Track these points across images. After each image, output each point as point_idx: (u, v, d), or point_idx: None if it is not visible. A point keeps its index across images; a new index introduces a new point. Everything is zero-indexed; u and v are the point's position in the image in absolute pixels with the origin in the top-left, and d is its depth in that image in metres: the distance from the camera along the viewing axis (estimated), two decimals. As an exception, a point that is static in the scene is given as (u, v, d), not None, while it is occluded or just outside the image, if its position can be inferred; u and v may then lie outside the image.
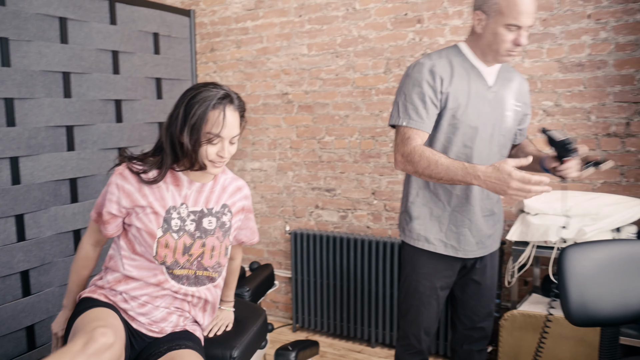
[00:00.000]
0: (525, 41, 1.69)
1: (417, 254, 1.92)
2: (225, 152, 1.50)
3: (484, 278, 1.98)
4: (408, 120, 1.76)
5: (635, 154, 2.48)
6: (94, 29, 2.53)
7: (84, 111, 2.48)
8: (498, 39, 1.70)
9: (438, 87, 1.75)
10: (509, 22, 1.66)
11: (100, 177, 2.52)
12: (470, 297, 1.99)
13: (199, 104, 1.46)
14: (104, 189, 1.60)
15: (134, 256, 1.60)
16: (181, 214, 1.58)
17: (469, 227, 1.86)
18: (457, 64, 1.79)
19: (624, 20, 2.44)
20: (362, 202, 3.19)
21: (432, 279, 1.91)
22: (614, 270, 1.60)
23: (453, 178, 1.67)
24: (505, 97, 1.85)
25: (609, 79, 2.49)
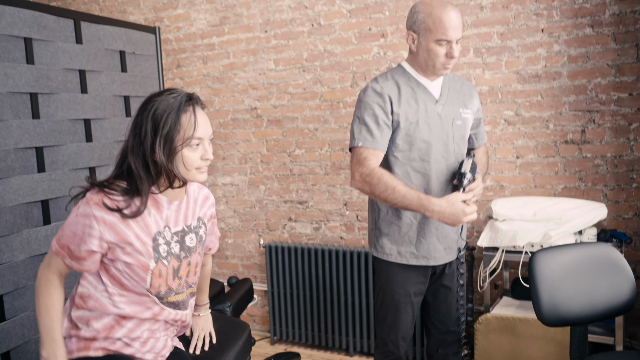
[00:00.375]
0: (457, 53, 1.80)
1: (389, 265, 2.00)
2: (209, 153, 1.42)
3: (452, 283, 2.06)
4: (363, 141, 1.85)
5: (592, 159, 2.63)
6: (60, 49, 2.50)
7: (53, 132, 2.45)
8: (432, 55, 1.81)
9: (388, 108, 1.85)
10: (438, 37, 1.77)
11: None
12: (442, 302, 2.06)
13: (167, 113, 1.35)
14: (72, 219, 1.41)
15: (122, 292, 1.46)
16: (166, 238, 1.48)
17: (436, 235, 1.95)
18: (403, 83, 1.89)
19: (575, 34, 2.60)
20: (334, 213, 3.25)
21: (405, 286, 1.98)
22: (580, 272, 1.70)
23: (407, 206, 1.80)
24: (454, 106, 1.94)
25: (564, 89, 2.64)
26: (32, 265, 2.27)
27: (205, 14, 3.43)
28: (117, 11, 3.70)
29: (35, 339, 2.24)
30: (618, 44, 2.53)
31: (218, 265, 3.64)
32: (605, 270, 1.73)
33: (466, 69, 2.82)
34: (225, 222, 3.56)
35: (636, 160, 2.55)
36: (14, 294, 2.20)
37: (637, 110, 2.53)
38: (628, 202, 2.59)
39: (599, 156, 2.61)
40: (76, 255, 1.41)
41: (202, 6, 3.42)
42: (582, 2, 2.57)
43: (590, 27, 2.57)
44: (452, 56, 1.79)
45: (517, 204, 2.40)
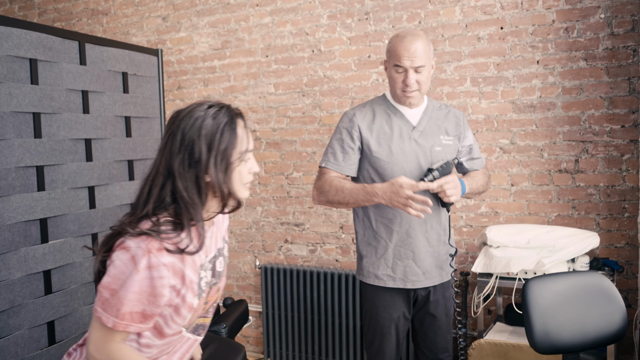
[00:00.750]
0: (410, 82, 1.86)
1: (370, 289, 2.04)
2: (255, 164, 1.32)
3: (437, 311, 2.05)
4: (326, 162, 1.98)
5: (585, 188, 2.68)
6: (64, 70, 2.54)
7: (54, 151, 2.48)
8: (392, 81, 1.93)
9: (356, 134, 1.95)
10: (394, 63, 1.88)
11: (71, 216, 2.51)
12: (428, 329, 2.07)
13: (221, 128, 1.23)
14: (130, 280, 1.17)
15: (157, 341, 1.30)
16: (205, 268, 1.33)
17: (412, 258, 1.97)
18: (380, 110, 1.99)
19: (569, 66, 2.66)
20: (330, 236, 3.27)
21: (389, 310, 2.01)
22: (572, 301, 1.73)
23: (357, 200, 1.85)
24: (434, 133, 1.98)
25: (558, 120, 2.70)
26: (28, 284, 2.28)
27: (207, 38, 3.49)
28: (121, 33, 3.76)
29: (29, 357, 2.23)
30: (611, 77, 2.59)
31: (213, 286, 3.65)
32: (597, 299, 1.75)
33: (463, 97, 2.88)
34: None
35: (628, 190, 2.60)
36: (9, 312, 2.20)
37: (630, 141, 2.58)
38: (620, 231, 2.63)
39: (592, 185, 2.66)
40: (149, 314, 1.21)
41: (204, 30, 3.49)
42: (577, 36, 2.64)
43: (584, 61, 2.63)
44: (407, 84, 1.87)
45: (511, 231, 2.44)
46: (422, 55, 1.86)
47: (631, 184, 2.59)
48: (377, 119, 1.98)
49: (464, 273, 2.79)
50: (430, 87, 2.95)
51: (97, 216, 2.64)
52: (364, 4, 3.07)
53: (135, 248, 1.17)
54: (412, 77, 1.87)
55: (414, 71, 1.87)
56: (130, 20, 3.72)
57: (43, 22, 4.04)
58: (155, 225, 1.20)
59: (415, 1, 2.95)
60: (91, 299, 2.55)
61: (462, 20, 2.86)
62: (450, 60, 2.90)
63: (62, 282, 2.42)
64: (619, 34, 2.57)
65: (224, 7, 3.42)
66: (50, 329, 2.36)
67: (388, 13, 3.02)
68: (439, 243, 2.01)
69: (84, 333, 2.49)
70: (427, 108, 2.02)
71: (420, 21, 2.95)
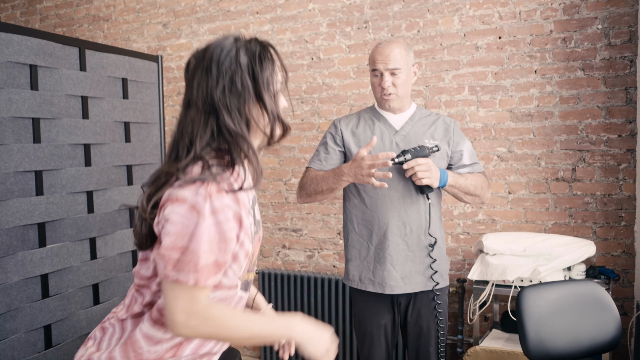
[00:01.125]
0: (386, 84, 1.93)
1: (357, 295, 2.06)
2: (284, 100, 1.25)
3: (420, 322, 2.01)
4: (311, 163, 2.06)
5: (582, 197, 2.68)
6: (64, 75, 2.56)
7: (53, 156, 2.49)
8: (372, 87, 2.02)
9: (339, 137, 2.05)
10: (372, 68, 1.97)
11: (69, 220, 2.52)
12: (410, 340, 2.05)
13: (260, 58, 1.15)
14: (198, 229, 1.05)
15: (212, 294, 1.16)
16: (252, 211, 1.22)
17: (391, 262, 1.96)
18: (366, 117, 2.07)
19: (567, 76, 2.68)
20: (328, 242, 3.28)
21: (376, 317, 2.02)
22: (566, 310, 1.74)
23: (329, 184, 1.90)
24: (417, 137, 1.99)
25: (556, 129, 2.71)
26: (25, 287, 2.28)
27: (207, 44, 3.51)
28: (121, 39, 3.79)
29: (25, 361, 2.24)
30: (608, 87, 2.61)
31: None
32: (591, 307, 1.76)
33: (461, 105, 2.90)
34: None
35: (625, 199, 2.60)
36: (5, 315, 2.21)
37: (626, 151, 2.59)
38: (616, 240, 2.63)
39: (588, 194, 2.67)
40: (221, 263, 1.10)
41: (204, 37, 3.51)
42: (574, 46, 2.66)
43: (581, 70, 2.65)
44: (382, 86, 1.94)
45: (508, 239, 2.44)
46: (396, 58, 1.92)
47: (628, 193, 2.60)
48: (360, 125, 2.05)
49: (461, 280, 2.80)
50: (429, 95, 2.97)
51: (95, 221, 2.65)
52: (363, 13, 3.09)
53: (193, 196, 1.05)
54: (387, 79, 1.93)
55: (390, 74, 1.93)
56: (131, 26, 3.74)
57: (44, 27, 4.06)
58: (207, 168, 1.09)
59: (414, 10, 2.97)
60: (88, 302, 2.56)
61: (460, 30, 2.88)
62: (448, 69, 2.92)
63: (59, 286, 2.43)
64: (616, 45, 2.58)
65: (224, 14, 3.44)
66: (47, 332, 2.36)
67: (387, 22, 3.04)
68: (420, 248, 1.98)
69: (80, 337, 2.49)
70: (414, 115, 2.05)
71: (419, 30, 2.97)
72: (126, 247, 2.81)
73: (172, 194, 1.08)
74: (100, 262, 2.66)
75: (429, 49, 2.95)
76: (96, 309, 2.60)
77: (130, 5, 3.74)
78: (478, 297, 2.45)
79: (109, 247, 2.72)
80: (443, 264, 2.04)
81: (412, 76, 2.01)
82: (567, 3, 2.66)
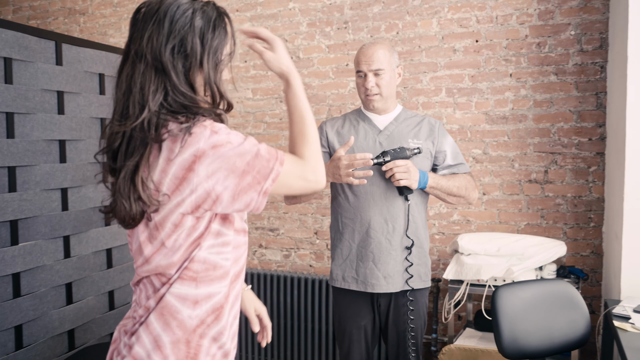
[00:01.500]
0: (369, 85, 1.97)
1: (339, 294, 2.07)
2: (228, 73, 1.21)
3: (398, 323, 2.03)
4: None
5: (553, 198, 2.76)
6: (40, 69, 2.51)
7: (27, 151, 2.44)
8: (357, 86, 2.06)
9: (324, 139, 2.09)
10: (356, 70, 2.02)
11: (42, 218, 2.47)
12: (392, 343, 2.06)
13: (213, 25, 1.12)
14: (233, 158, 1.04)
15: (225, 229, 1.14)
16: None
17: (373, 260, 1.98)
18: (351, 118, 2.11)
19: (540, 80, 2.75)
20: (305, 241, 3.29)
21: (356, 318, 2.04)
22: (539, 308, 1.79)
23: None
24: (400, 137, 2.02)
25: (529, 131, 2.78)
26: (-3, 286, 2.24)
27: (185, 41, 3.49)
28: (98, 33, 3.73)
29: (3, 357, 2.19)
30: (580, 91, 2.68)
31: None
32: (563, 306, 1.81)
33: (438, 107, 2.94)
34: (196, 247, 3.57)
35: (594, 201, 2.69)
36: (-23, 315, 2.16)
37: (596, 154, 2.67)
38: (586, 240, 2.71)
39: (560, 196, 2.74)
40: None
41: (183, 33, 3.48)
42: (548, 51, 2.73)
43: (555, 75, 2.72)
44: (366, 87, 1.98)
45: (482, 239, 2.50)
46: (380, 59, 1.96)
47: (597, 195, 2.68)
48: (346, 125, 2.08)
49: (436, 280, 2.84)
50: (407, 96, 3.01)
51: (70, 218, 2.60)
52: (343, 13, 3.11)
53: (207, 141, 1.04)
54: (370, 80, 1.97)
55: (373, 75, 1.97)
56: (108, 20, 3.69)
57: (17, 19, 3.97)
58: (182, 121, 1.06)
59: (393, 12, 3.01)
60: (61, 302, 2.52)
61: (438, 32, 2.92)
62: (426, 71, 2.96)
63: (31, 285, 2.38)
64: (588, 51, 2.66)
65: (203, 11, 3.42)
66: (17, 333, 2.32)
67: (367, 23, 3.06)
68: (402, 247, 1.99)
69: (52, 337, 2.45)
70: (399, 115, 2.08)
71: (398, 32, 3.00)
72: (101, 246, 2.76)
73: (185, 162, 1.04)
74: (74, 261, 2.61)
75: (408, 51, 2.99)
76: (69, 309, 2.56)
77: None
78: (453, 297, 2.50)
79: (83, 246, 2.67)
80: (425, 265, 2.04)
81: (396, 77, 2.05)
82: (542, 9, 2.73)
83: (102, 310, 2.78)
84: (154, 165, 1.06)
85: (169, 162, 1.05)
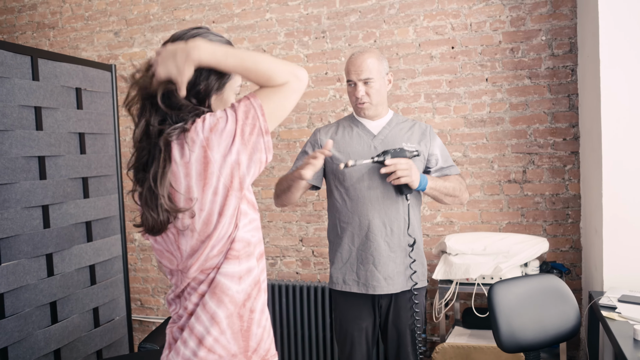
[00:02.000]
0: (359, 94, 2.03)
1: (339, 297, 2.09)
2: None
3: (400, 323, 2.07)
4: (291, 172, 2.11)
5: (532, 197, 2.86)
6: (16, 85, 2.46)
7: (7, 169, 2.38)
8: (348, 94, 2.11)
9: (317, 146, 2.13)
10: (347, 79, 2.07)
11: (24, 236, 2.41)
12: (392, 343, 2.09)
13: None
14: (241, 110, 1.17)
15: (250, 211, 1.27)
16: None
17: (373, 262, 2.02)
18: (345, 125, 2.14)
19: (515, 84, 2.85)
20: (290, 249, 3.30)
21: (357, 320, 2.06)
22: (533, 302, 1.85)
23: (289, 182, 2.00)
24: (395, 141, 2.06)
25: (507, 133, 2.87)
26: (-20, 308, 2.17)
27: (162, 53, 3.46)
28: (69, 47, 3.66)
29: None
30: (553, 94, 2.80)
31: (170, 305, 3.58)
32: (554, 299, 1.88)
33: (417, 112, 3.01)
34: (178, 260, 3.52)
35: (571, 198, 2.80)
36: (-38, 339, 2.08)
37: (571, 153, 2.79)
38: (565, 236, 2.82)
39: (538, 194, 2.85)
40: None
41: (159, 46, 3.45)
42: (521, 56, 2.84)
43: (528, 79, 2.83)
44: (356, 96, 2.03)
45: (469, 239, 2.56)
46: (369, 68, 2.00)
47: (573, 192, 2.79)
48: (339, 131, 2.11)
49: (423, 281, 2.90)
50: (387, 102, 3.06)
51: (52, 236, 2.54)
52: (321, 23, 3.16)
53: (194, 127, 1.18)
54: (360, 89, 2.01)
55: (363, 83, 2.01)
56: (79, 34, 3.63)
57: (-17, 35, 3.86)
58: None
59: (370, 21, 3.07)
60: (46, 322, 2.45)
61: (415, 40, 3.00)
62: (405, 78, 3.03)
63: (15, 305, 2.31)
64: (559, 55, 2.78)
65: (179, 23, 3.41)
66: (3, 355, 2.25)
67: (344, 32, 3.12)
68: (401, 249, 2.03)
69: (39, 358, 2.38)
70: (392, 120, 2.12)
71: (376, 40, 3.07)
72: (84, 262, 2.71)
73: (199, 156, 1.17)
74: (58, 279, 2.55)
75: (386, 58, 3.05)
76: (54, 328, 2.50)
77: (78, 12, 3.63)
78: (443, 296, 2.55)
79: (66, 263, 2.62)
80: (422, 264, 2.10)
81: (386, 84, 2.09)
82: (513, 16, 2.84)
83: (87, 327, 2.72)
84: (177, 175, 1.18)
85: (187, 165, 1.17)
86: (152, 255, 3.57)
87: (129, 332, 2.96)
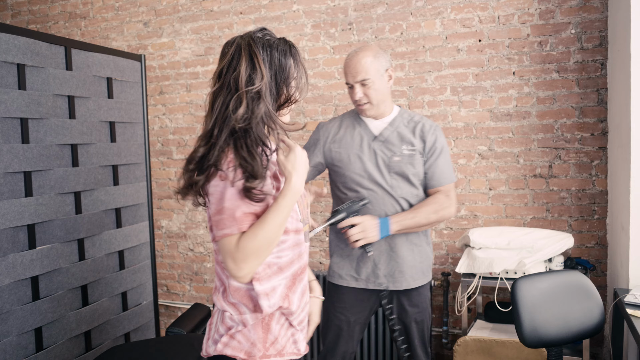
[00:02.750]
0: (357, 96, 2.00)
1: (333, 289, 2.13)
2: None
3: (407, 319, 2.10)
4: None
5: (558, 192, 2.84)
6: (51, 75, 2.53)
7: (42, 156, 2.46)
8: (349, 95, 2.06)
9: (321, 143, 2.11)
10: (345, 82, 2.04)
11: (58, 221, 2.49)
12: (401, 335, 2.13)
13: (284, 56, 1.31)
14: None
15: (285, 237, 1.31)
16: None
17: (374, 261, 2.05)
18: (347, 122, 2.12)
19: (543, 78, 2.82)
20: (313, 239, 3.33)
21: (346, 313, 2.10)
22: (556, 298, 1.85)
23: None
24: (396, 144, 2.03)
25: (533, 128, 2.85)
26: (16, 290, 2.25)
27: (190, 44, 3.51)
28: (100, 37, 3.73)
29: (19, 366, 2.21)
30: (581, 88, 2.76)
31: (196, 289, 3.65)
32: (578, 295, 1.88)
33: (443, 106, 3.01)
34: (204, 246, 3.59)
35: (598, 193, 2.77)
36: (-1, 319, 2.18)
37: (598, 148, 2.76)
38: (590, 232, 2.80)
39: (564, 189, 2.82)
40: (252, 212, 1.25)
41: (187, 36, 3.51)
42: (550, 49, 2.81)
43: (556, 72, 2.80)
44: (354, 98, 2.01)
45: (493, 234, 2.56)
46: (365, 69, 1.95)
47: (600, 188, 2.76)
48: (342, 129, 2.11)
49: (445, 273, 2.91)
50: (412, 95, 3.07)
51: (83, 221, 2.62)
52: (348, 15, 3.16)
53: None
54: (358, 91, 1.99)
55: (360, 85, 1.98)
56: (110, 24, 3.70)
57: (16, 24, 3.96)
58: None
59: (397, 13, 3.06)
60: (77, 304, 2.54)
61: (442, 32, 2.99)
62: (431, 70, 3.02)
63: (49, 288, 2.40)
64: (588, 49, 2.74)
65: (207, 14, 3.45)
66: (37, 335, 2.34)
67: (371, 24, 3.12)
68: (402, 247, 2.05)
69: (71, 338, 2.47)
70: (395, 120, 2.07)
71: (402, 32, 3.06)
72: (113, 248, 2.79)
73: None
74: (89, 263, 2.63)
75: (412, 51, 3.05)
76: (85, 310, 2.58)
77: (108, 3, 3.70)
78: (466, 290, 2.56)
79: (96, 248, 2.70)
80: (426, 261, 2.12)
81: (386, 81, 2.01)
82: (542, 9, 2.80)
83: (116, 311, 2.80)
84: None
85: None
86: (178, 242, 3.64)
87: (155, 317, 3.05)
